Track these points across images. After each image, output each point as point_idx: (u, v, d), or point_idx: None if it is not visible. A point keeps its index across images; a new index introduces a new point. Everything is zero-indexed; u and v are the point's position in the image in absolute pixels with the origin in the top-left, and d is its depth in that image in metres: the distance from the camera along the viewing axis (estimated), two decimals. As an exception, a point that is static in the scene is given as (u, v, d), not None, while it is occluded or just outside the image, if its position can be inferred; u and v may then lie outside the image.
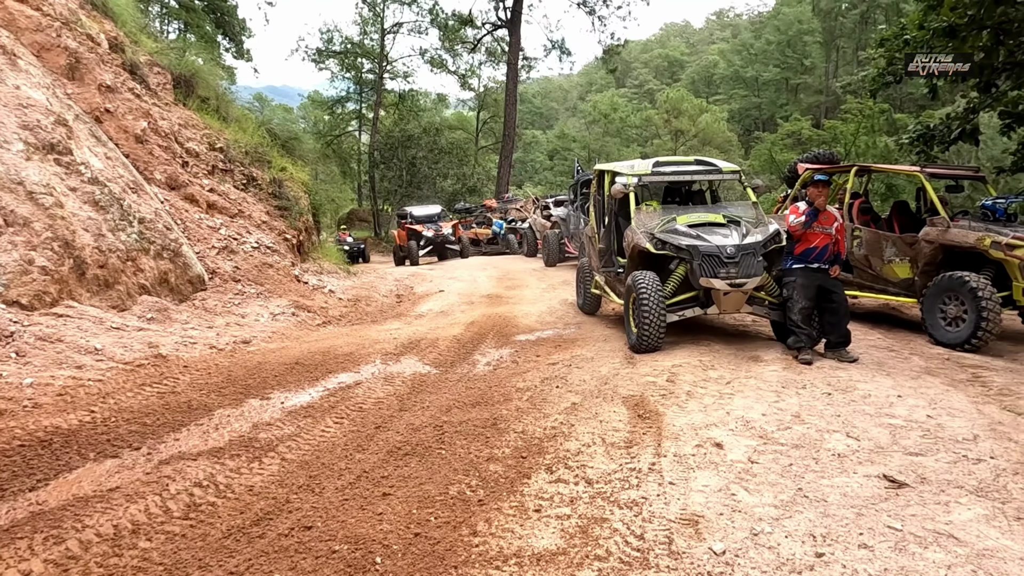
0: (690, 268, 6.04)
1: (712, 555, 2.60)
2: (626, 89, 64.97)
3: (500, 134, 33.84)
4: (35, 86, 6.93)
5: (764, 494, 3.09)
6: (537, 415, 4.42)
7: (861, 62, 37.61)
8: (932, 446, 3.62)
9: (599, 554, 2.66)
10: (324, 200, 17.83)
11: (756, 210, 6.77)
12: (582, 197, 13.68)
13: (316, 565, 2.70)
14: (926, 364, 5.62)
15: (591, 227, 8.34)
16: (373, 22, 35.92)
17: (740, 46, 59.66)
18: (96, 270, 6.16)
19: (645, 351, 5.90)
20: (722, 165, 7.24)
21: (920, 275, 6.85)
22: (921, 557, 2.54)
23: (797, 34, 53.00)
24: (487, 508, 3.12)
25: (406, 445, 4.00)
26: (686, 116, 47.51)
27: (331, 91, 39.83)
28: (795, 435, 3.80)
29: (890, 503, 2.98)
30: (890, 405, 4.35)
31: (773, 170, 25.75)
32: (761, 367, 5.31)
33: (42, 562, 2.64)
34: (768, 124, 51.34)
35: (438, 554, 2.74)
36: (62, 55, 8.23)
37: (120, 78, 9.24)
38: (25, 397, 4.20)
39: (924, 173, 7.21)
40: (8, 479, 3.28)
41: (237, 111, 14.05)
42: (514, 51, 30.53)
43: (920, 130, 11.95)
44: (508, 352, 6.51)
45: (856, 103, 27.74)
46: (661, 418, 4.14)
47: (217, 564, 2.71)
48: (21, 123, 6.23)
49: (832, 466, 3.38)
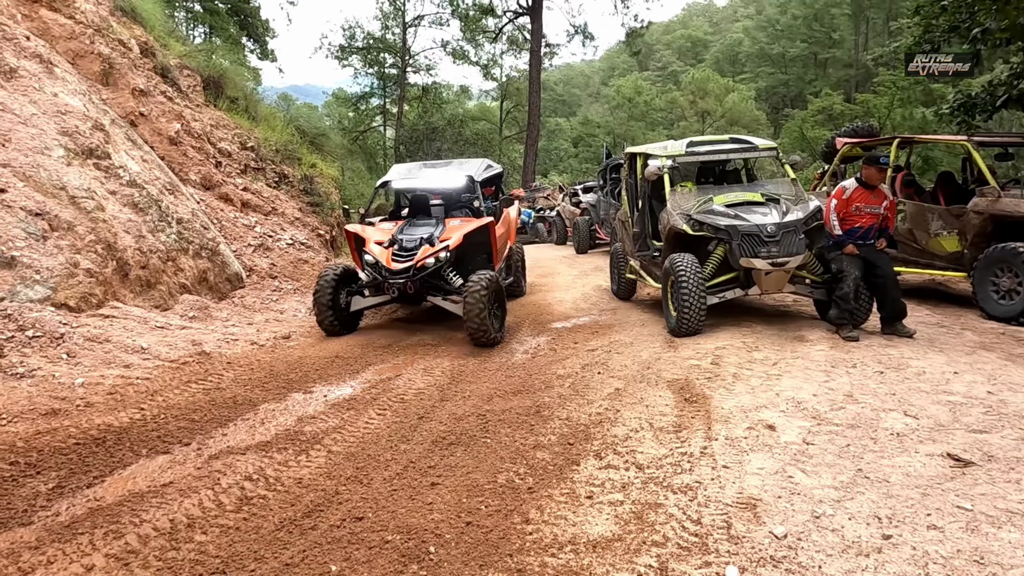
0: (729, 248, 5.91)
1: (773, 539, 2.53)
2: (649, 72, 64.07)
3: (524, 123, 33.65)
4: (72, 92, 7.06)
5: (822, 476, 3.00)
6: (580, 401, 4.38)
7: (893, 32, 36.53)
8: (996, 423, 3.48)
9: (656, 540, 2.61)
10: (354, 195, 17.95)
11: (795, 187, 6.59)
12: (612, 182, 13.52)
13: (370, 555, 2.69)
14: (980, 339, 5.43)
15: (624, 211, 8.23)
16: (394, 16, 35.98)
17: (765, 22, 58.22)
18: (138, 271, 6.27)
19: (685, 334, 5.80)
20: (758, 142, 7.06)
21: (969, 248, 6.61)
22: (995, 537, 2.44)
23: (824, 7, 51.51)
24: (537, 495, 3.09)
25: (450, 435, 3.99)
26: (712, 97, 46.72)
27: (355, 87, 40.03)
28: (849, 415, 3.69)
29: (957, 482, 2.87)
30: (946, 382, 4.20)
31: (804, 147, 25.16)
32: (807, 347, 5.18)
33: (103, 556, 2.69)
34: (797, 101, 50.14)
35: (491, 542, 2.71)
36: (96, 61, 8.37)
37: (152, 82, 9.38)
38: (78, 396, 4.29)
39: (972, 141, 6.95)
40: (66, 476, 3.35)
41: (265, 110, 14.20)
42: (536, 38, 30.26)
43: (961, 99, 11.53)
44: (545, 339, 6.46)
45: (889, 75, 26.93)
46: (709, 401, 4.05)
47: (272, 556, 2.73)
48: (60, 129, 6.34)
49: (891, 446, 3.27)
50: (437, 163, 8.45)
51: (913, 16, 12.75)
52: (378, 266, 6.32)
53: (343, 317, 6.56)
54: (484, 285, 5.89)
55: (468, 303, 5.83)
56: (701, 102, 47.02)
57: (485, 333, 5.94)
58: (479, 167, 7.80)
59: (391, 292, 6.32)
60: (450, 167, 8.07)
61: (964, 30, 10.23)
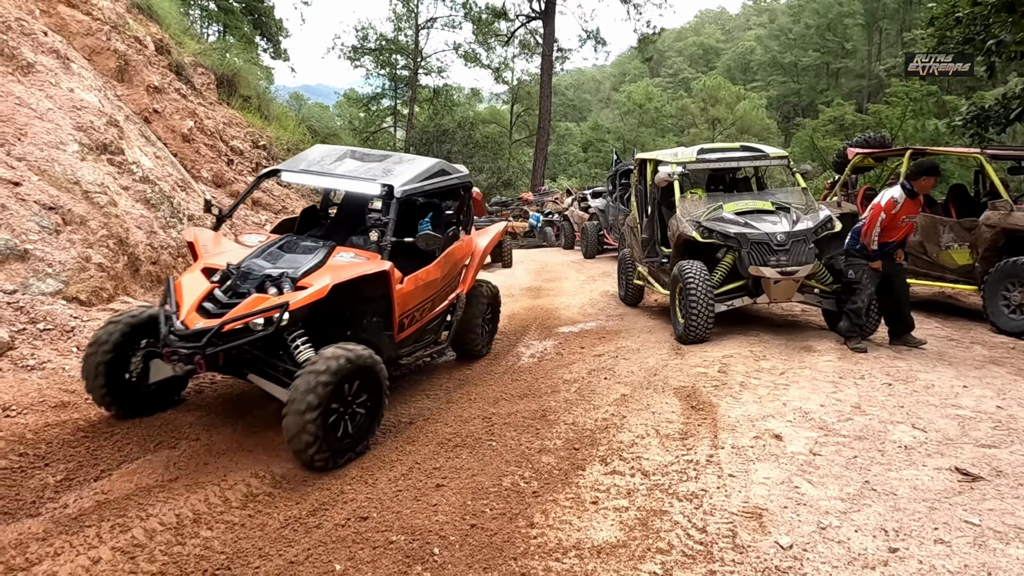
0: (738, 256, 5.89)
1: (779, 549, 2.52)
2: (660, 78, 64.08)
3: (534, 127, 33.66)
4: (87, 88, 7.12)
5: (829, 487, 2.99)
6: (587, 407, 4.37)
7: (906, 43, 36.37)
8: (1005, 438, 3.45)
9: (661, 547, 2.60)
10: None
11: (806, 196, 6.57)
12: (621, 188, 13.51)
13: (374, 555, 2.70)
14: (990, 353, 5.39)
15: (633, 217, 8.22)
16: (407, 18, 36.07)
17: (778, 31, 58.19)
18: (149, 266, 6.31)
19: (693, 342, 5.79)
20: (769, 151, 7.05)
21: (981, 261, 6.57)
22: (1003, 553, 2.42)
23: (837, 17, 51.44)
24: (542, 500, 3.09)
25: (456, 437, 4.00)
26: (723, 104, 46.65)
27: (366, 88, 40.15)
28: (857, 426, 3.67)
29: (964, 497, 2.85)
30: (955, 396, 4.17)
31: (815, 157, 25.09)
32: (815, 357, 5.16)
33: (110, 549, 2.70)
34: (808, 110, 50.04)
35: (496, 545, 2.71)
36: (112, 58, 8.44)
37: (167, 79, 9.45)
38: (87, 390, 4.31)
39: (985, 154, 6.91)
40: (75, 469, 3.37)
41: (277, 109, 14.28)
42: (548, 43, 30.30)
43: (974, 111, 11.48)
44: (552, 344, 6.46)
45: (902, 86, 26.83)
46: (715, 409, 4.04)
47: (277, 553, 2.74)
48: (75, 124, 6.40)
49: (899, 458, 3.25)
50: (371, 154, 5.30)
51: (927, 27, 12.71)
52: (169, 319, 3.67)
53: (133, 390, 3.93)
54: (322, 376, 3.38)
55: (290, 404, 3.35)
56: (712, 109, 46.96)
57: (314, 451, 3.38)
58: (418, 172, 4.95)
59: (173, 365, 3.61)
60: (383, 163, 5.05)
61: (979, 42, 10.19)
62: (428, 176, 4.99)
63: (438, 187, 5.12)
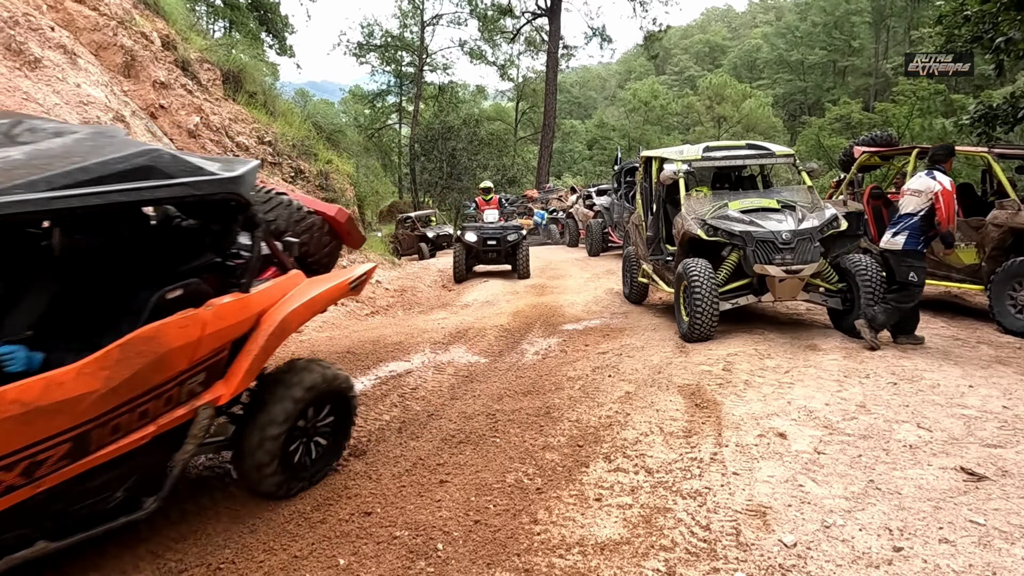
0: (743, 254, 5.88)
1: (783, 547, 2.52)
2: (666, 76, 63.94)
3: (539, 124, 33.66)
4: (94, 84, 7.14)
5: (833, 485, 2.98)
6: (591, 404, 4.37)
7: (913, 42, 36.17)
8: (1011, 438, 3.43)
9: (664, 544, 2.60)
10: (368, 192, 18.01)
11: (812, 194, 6.55)
12: (626, 185, 13.49)
13: (378, 550, 2.71)
14: (996, 353, 5.36)
15: (638, 215, 8.20)
16: (413, 15, 36.09)
17: (784, 29, 57.95)
18: (154, 262, 6.33)
19: (697, 340, 5.78)
20: (775, 149, 7.02)
21: (987, 260, 6.53)
22: (1008, 553, 2.41)
23: (844, 14, 51.23)
24: (546, 496, 3.09)
25: (460, 433, 4.00)
26: (729, 102, 46.53)
27: (371, 85, 40.24)
28: (862, 425, 3.66)
29: (970, 496, 2.84)
30: (961, 395, 4.15)
31: (821, 155, 25.01)
32: (820, 356, 5.15)
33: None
34: (814, 109, 49.86)
35: (499, 541, 2.72)
36: (118, 53, 8.46)
37: (173, 75, 9.47)
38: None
39: (992, 153, 6.87)
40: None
41: (283, 105, 14.29)
42: (554, 40, 30.28)
43: (982, 110, 11.41)
44: (556, 341, 6.46)
45: (909, 84, 26.71)
46: (719, 407, 4.04)
47: (281, 548, 2.75)
48: (82, 119, 6.42)
49: (904, 457, 3.24)
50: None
51: (935, 26, 12.64)
52: None
53: None
54: None
55: None
56: (718, 107, 46.86)
57: None
58: (39, 160, 2.26)
59: None
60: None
61: (987, 40, 10.13)
62: (72, 178, 2.24)
63: (103, 202, 2.33)
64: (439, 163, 31.04)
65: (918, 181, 5.39)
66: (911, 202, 5.37)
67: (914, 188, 5.38)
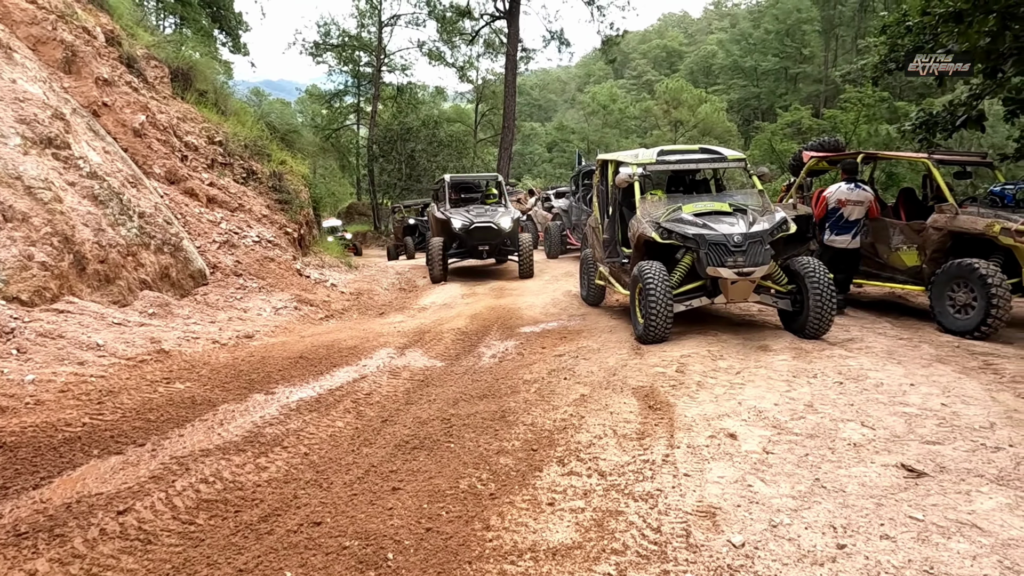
0: (697, 257, 5.97)
1: (731, 547, 2.55)
2: (625, 80, 64.76)
3: (499, 126, 33.63)
4: (31, 80, 6.84)
5: (781, 485, 3.04)
6: (546, 407, 4.37)
7: (860, 51, 37.42)
8: (949, 435, 3.56)
9: (616, 548, 2.61)
10: (324, 193, 17.73)
11: (762, 198, 6.70)
12: (584, 188, 13.58)
13: (327, 562, 2.64)
14: (936, 352, 5.56)
15: (594, 218, 8.27)
16: (371, 14, 35.73)
17: (739, 36, 59.32)
18: (96, 265, 6.09)
19: (652, 342, 5.84)
20: (727, 153, 7.16)
21: (928, 262, 6.79)
22: (945, 548, 2.49)
23: (796, 23, 52.71)
24: (499, 502, 3.07)
25: (414, 439, 3.95)
26: (685, 106, 47.34)
27: (329, 85, 39.64)
28: (809, 425, 3.75)
29: (910, 493, 2.92)
30: (903, 393, 4.29)
31: (774, 159, 25.66)
32: (771, 356, 5.26)
33: (47, 561, 2.59)
34: (767, 114, 51.07)
35: (451, 549, 2.68)
36: (58, 48, 8.13)
37: (117, 71, 9.14)
38: (27, 394, 4.14)
39: (932, 159, 7.14)
40: (12, 477, 3.23)
41: (235, 104, 13.96)
42: (513, 42, 30.29)
43: (923, 117, 11.84)
44: (513, 344, 6.45)
45: (856, 92, 27.61)
46: (672, 409, 4.08)
47: (226, 561, 2.66)
48: (18, 117, 6.14)
49: (849, 456, 3.33)
50: None
51: (880, 35, 13.07)
52: None
53: None
54: None
55: None
56: (675, 111, 47.63)
57: None
58: None
59: None
60: None
61: (927, 51, 10.51)
62: None
63: None
64: (398, 164, 30.82)
65: (854, 194, 7.04)
66: (855, 211, 7.01)
67: (855, 200, 7.01)
